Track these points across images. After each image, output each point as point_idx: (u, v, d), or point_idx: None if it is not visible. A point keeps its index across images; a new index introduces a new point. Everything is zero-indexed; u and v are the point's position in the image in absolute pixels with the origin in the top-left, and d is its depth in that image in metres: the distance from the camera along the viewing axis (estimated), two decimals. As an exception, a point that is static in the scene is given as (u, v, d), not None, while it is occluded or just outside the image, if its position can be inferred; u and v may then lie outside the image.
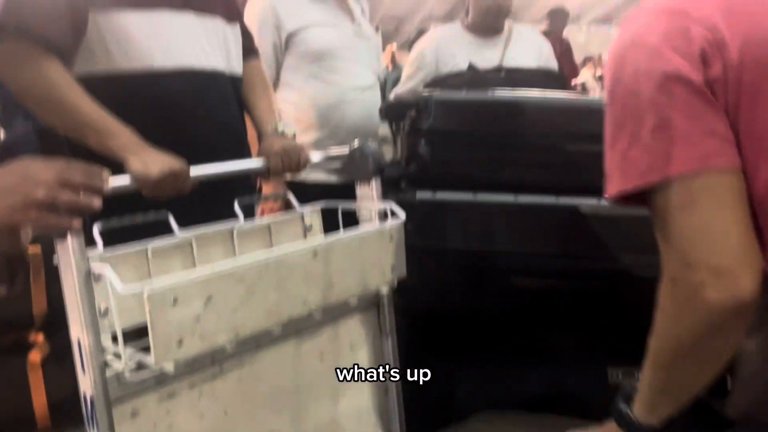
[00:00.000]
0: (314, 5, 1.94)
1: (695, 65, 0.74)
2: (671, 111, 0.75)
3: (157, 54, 1.30)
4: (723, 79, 0.74)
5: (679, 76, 0.74)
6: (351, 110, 1.94)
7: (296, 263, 1.04)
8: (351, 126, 1.94)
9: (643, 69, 0.76)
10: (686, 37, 0.75)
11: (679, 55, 0.75)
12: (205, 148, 1.33)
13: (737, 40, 0.74)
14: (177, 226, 1.15)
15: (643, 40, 0.78)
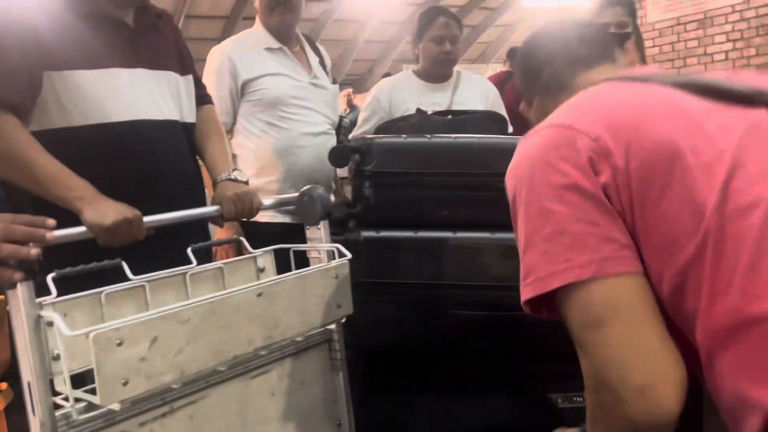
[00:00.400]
0: (271, 56, 2.06)
1: (586, 173, 0.78)
2: (568, 219, 0.77)
3: (111, 108, 1.38)
4: (614, 184, 0.77)
5: (572, 185, 0.78)
6: (304, 155, 2.04)
7: (241, 304, 1.10)
8: (304, 170, 2.03)
9: (539, 182, 0.80)
10: (574, 148, 0.79)
11: (569, 165, 0.78)
12: (160, 195, 1.41)
13: (621, 148, 0.77)
14: (131, 272, 1.21)
15: (536, 155, 0.83)
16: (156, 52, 1.48)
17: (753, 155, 0.74)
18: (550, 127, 0.85)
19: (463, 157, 1.55)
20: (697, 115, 0.79)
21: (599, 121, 0.81)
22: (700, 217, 0.72)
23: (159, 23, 1.52)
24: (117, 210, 1.22)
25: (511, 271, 1.47)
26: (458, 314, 1.46)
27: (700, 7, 5.81)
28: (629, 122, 0.80)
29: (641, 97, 0.85)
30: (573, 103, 0.89)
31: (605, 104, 0.85)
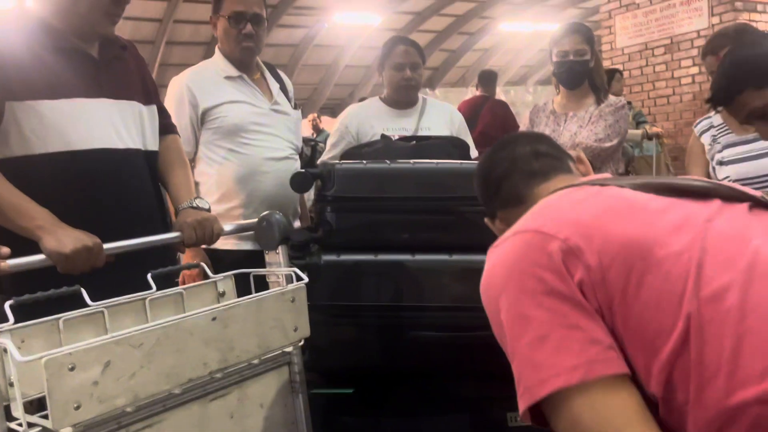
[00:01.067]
0: (230, 84, 2.07)
1: (561, 276, 0.79)
2: (549, 325, 0.77)
3: (72, 137, 1.41)
4: (588, 282, 0.78)
5: (549, 290, 0.78)
6: (266, 180, 2.05)
7: (195, 328, 1.13)
8: (267, 195, 2.04)
9: (515, 290, 0.81)
10: (545, 252, 0.80)
11: (543, 270, 0.80)
12: (121, 222, 1.44)
13: (591, 246, 0.79)
14: (93, 298, 1.22)
15: (509, 264, 0.84)
16: (119, 82, 1.51)
17: (716, 243, 0.78)
18: (518, 234, 0.87)
19: (422, 182, 1.60)
20: (658, 211, 0.83)
21: (566, 222, 0.83)
22: (680, 304, 0.74)
23: (124, 54, 1.56)
24: (76, 238, 1.24)
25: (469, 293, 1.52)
26: (417, 335, 1.49)
27: (666, 33, 5.99)
28: (595, 221, 0.82)
29: (602, 198, 0.88)
30: (535, 209, 0.92)
31: (568, 206, 0.88)
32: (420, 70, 2.40)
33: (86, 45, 1.47)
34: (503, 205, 1.09)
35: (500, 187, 1.09)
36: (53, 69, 1.39)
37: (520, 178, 1.06)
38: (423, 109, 2.44)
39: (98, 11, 1.42)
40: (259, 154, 2.05)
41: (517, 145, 1.11)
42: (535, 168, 1.06)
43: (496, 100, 5.63)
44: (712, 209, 0.84)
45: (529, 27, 15.23)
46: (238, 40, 2.04)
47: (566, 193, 0.93)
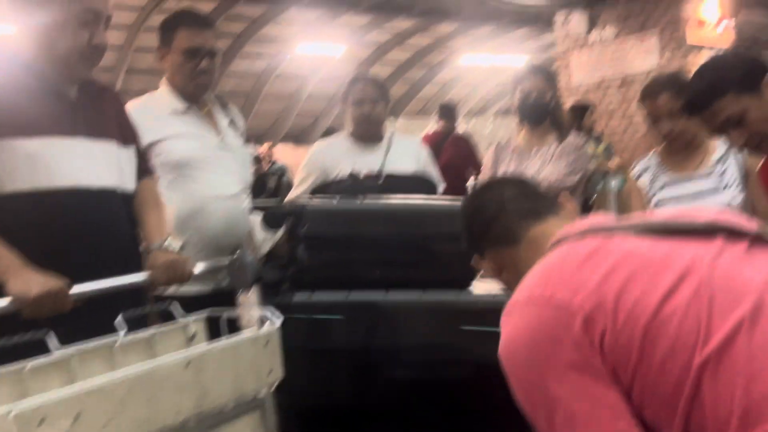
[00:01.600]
0: (176, 118, 1.99)
1: (580, 348, 0.82)
2: (577, 403, 0.81)
3: (45, 175, 1.38)
4: (605, 346, 0.81)
5: (571, 364, 0.82)
6: (212, 219, 1.94)
7: (168, 375, 1.11)
8: (212, 234, 1.93)
9: (539, 365, 0.84)
10: (563, 325, 0.83)
11: (562, 344, 0.82)
12: (94, 262, 1.41)
13: (606, 311, 0.82)
14: (62, 339, 1.19)
15: (530, 337, 0.86)
16: (96, 122, 1.50)
17: (721, 286, 0.82)
18: (532, 303, 0.89)
19: (393, 220, 1.62)
20: (663, 261, 0.86)
21: (577, 287, 0.86)
22: (692, 356, 0.78)
23: (102, 95, 1.57)
24: (42, 282, 1.21)
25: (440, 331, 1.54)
26: (390, 376, 1.49)
27: (620, 70, 6.24)
28: (604, 285, 0.85)
29: (607, 254, 0.90)
30: (543, 268, 0.93)
31: (576, 267, 0.90)
32: (380, 105, 2.43)
33: (64, 86, 1.46)
34: (494, 243, 1.10)
35: (490, 226, 1.10)
36: (28, 107, 1.38)
37: (512, 218, 1.08)
38: (389, 144, 2.47)
39: (76, 55, 1.42)
40: (206, 191, 1.95)
41: (504, 188, 1.14)
42: (527, 208, 1.08)
43: (458, 134, 5.74)
44: (715, 250, 0.87)
45: (488, 60, 15.60)
46: (192, 76, 1.96)
47: (571, 249, 0.94)
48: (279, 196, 4.66)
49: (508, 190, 1.13)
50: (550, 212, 1.09)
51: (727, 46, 6.26)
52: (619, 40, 6.29)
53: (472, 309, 1.54)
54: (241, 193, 2.06)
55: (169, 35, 1.98)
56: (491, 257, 1.12)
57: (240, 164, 2.09)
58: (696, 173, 2.14)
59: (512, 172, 2.51)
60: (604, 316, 0.82)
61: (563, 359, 0.82)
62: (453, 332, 1.51)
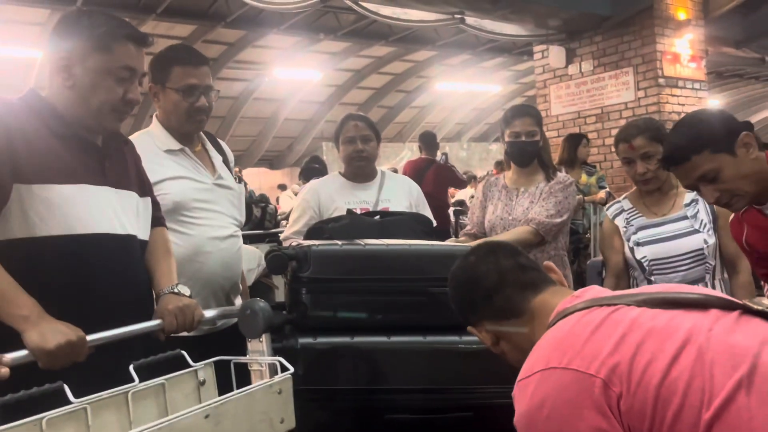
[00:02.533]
0: (171, 159, 1.94)
1: (603, 413, 0.87)
2: None
3: (75, 221, 1.41)
4: (623, 409, 0.87)
5: (595, 428, 0.87)
6: (209, 261, 1.92)
7: (188, 428, 1.12)
8: (209, 276, 1.92)
9: (560, 430, 0.89)
10: (584, 393, 0.89)
11: (587, 410, 0.88)
12: (118, 306, 1.44)
13: (620, 376, 0.88)
14: (73, 391, 1.19)
15: (551, 407, 0.91)
16: (120, 173, 1.55)
17: (720, 350, 0.90)
18: (555, 373, 0.93)
19: (396, 264, 1.65)
20: (666, 330, 0.93)
21: (592, 356, 0.91)
22: (699, 415, 0.85)
23: (124, 148, 1.61)
24: (60, 332, 1.23)
25: (444, 374, 1.57)
26: (395, 419, 1.51)
27: (597, 103, 6.43)
28: (616, 353, 0.91)
29: (615, 324, 0.96)
30: (555, 339, 0.98)
31: (587, 336, 0.95)
32: (372, 143, 2.48)
33: (91, 136, 1.50)
34: (495, 317, 1.14)
35: (491, 298, 1.13)
36: (62, 155, 1.42)
37: (513, 292, 1.12)
38: (382, 182, 2.52)
39: (108, 108, 1.46)
40: (203, 233, 1.91)
41: (499, 257, 1.17)
42: (526, 281, 1.13)
43: (441, 164, 5.83)
44: (711, 319, 0.95)
45: (464, 87, 15.88)
46: (189, 114, 1.92)
47: (580, 320, 1.00)
48: (263, 225, 4.66)
49: (504, 260, 1.16)
50: (546, 283, 1.14)
51: (700, 80, 6.51)
52: (596, 74, 6.48)
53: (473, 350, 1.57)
54: (236, 232, 2.06)
55: (164, 73, 1.93)
56: (492, 329, 1.15)
57: (235, 203, 2.07)
58: (669, 216, 2.23)
59: (501, 209, 2.58)
60: (620, 381, 0.88)
61: (588, 423, 0.87)
62: (454, 375, 1.54)
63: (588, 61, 6.50)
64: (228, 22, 10.50)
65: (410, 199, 2.55)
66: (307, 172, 5.39)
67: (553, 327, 1.01)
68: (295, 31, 11.08)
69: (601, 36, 6.41)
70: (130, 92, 1.48)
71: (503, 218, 2.55)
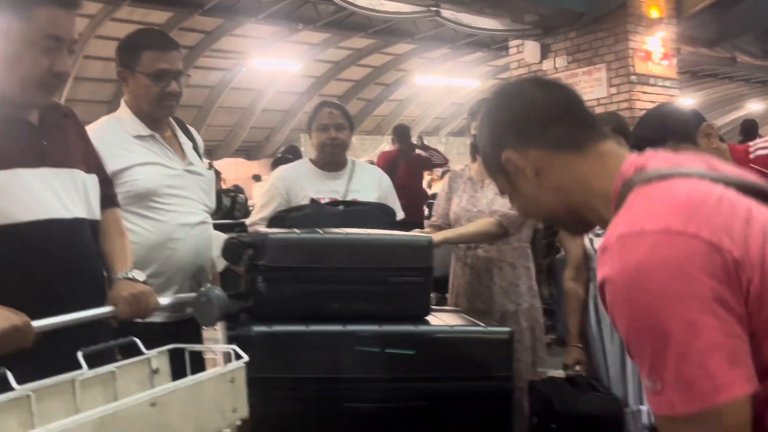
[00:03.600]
0: (140, 144, 1.93)
1: (731, 287, 0.77)
2: (722, 334, 0.76)
3: (14, 209, 1.36)
4: (751, 297, 0.78)
5: (719, 299, 0.77)
6: (179, 248, 1.92)
7: (133, 415, 1.10)
8: (179, 263, 1.92)
9: (682, 294, 0.77)
10: (711, 260, 0.77)
11: (711, 277, 0.77)
12: (64, 294, 1.40)
13: (751, 260, 0.78)
14: (17, 378, 1.17)
15: (670, 268, 0.79)
16: (61, 150, 1.48)
17: None
18: (680, 237, 0.80)
19: (353, 253, 1.65)
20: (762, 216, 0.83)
21: (720, 229, 0.80)
22: None
23: (64, 122, 1.53)
24: (4, 317, 1.20)
25: (399, 363, 1.57)
26: (350, 407, 1.51)
27: (570, 98, 6.46)
28: (741, 231, 0.80)
29: (740, 208, 0.84)
30: (680, 203, 0.84)
31: (718, 212, 0.82)
32: (346, 131, 2.48)
33: (26, 112, 1.43)
34: (550, 146, 0.97)
35: (551, 126, 0.98)
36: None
37: (578, 125, 0.98)
38: (352, 172, 2.52)
39: (35, 82, 1.38)
40: (173, 220, 1.92)
41: (566, 90, 1.03)
42: (591, 120, 0.99)
43: (414, 154, 5.85)
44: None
45: (443, 81, 15.89)
46: (160, 99, 1.91)
47: (692, 186, 0.86)
48: (233, 215, 4.62)
49: (570, 94, 1.02)
50: (607, 136, 1.00)
51: (672, 78, 6.58)
52: (570, 70, 6.53)
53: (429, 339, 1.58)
54: (207, 219, 2.06)
55: (133, 57, 1.92)
56: (535, 157, 0.98)
57: (205, 190, 2.07)
58: None
59: (466, 200, 2.59)
60: (751, 269, 0.78)
61: (713, 291, 0.77)
62: (410, 364, 1.55)
63: (562, 56, 6.54)
64: (205, 10, 10.35)
65: (379, 191, 2.55)
66: (280, 162, 5.35)
67: (651, 186, 0.87)
68: (273, 20, 10.97)
69: (576, 32, 6.44)
70: (58, 64, 1.39)
71: (468, 210, 2.56)
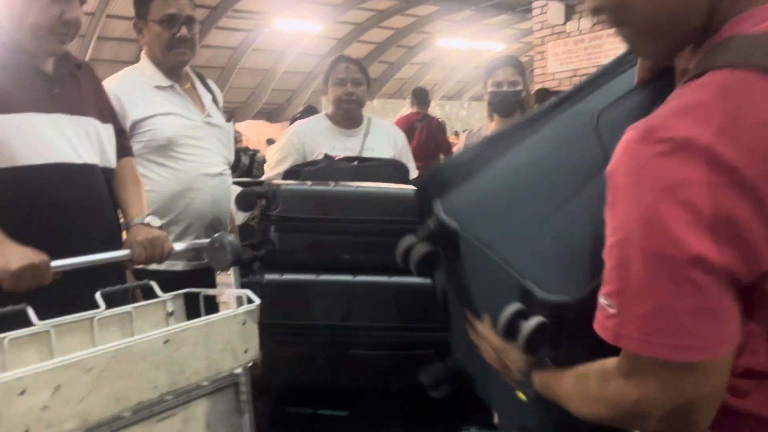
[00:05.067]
0: (161, 95, 1.96)
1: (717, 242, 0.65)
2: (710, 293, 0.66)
3: (24, 152, 1.39)
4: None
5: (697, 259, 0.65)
6: (198, 197, 1.96)
7: (146, 351, 1.14)
8: (198, 213, 1.97)
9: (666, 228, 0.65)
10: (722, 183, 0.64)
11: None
12: (76, 238, 1.43)
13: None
14: (40, 316, 1.21)
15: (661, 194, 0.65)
16: (74, 98, 1.50)
17: None
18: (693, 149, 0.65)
19: (362, 205, 1.65)
20: None
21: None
22: None
23: (78, 72, 1.56)
24: (23, 255, 1.23)
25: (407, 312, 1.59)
26: (357, 354, 1.54)
27: (594, 61, 6.34)
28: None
29: None
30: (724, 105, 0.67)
31: None
32: (363, 87, 2.45)
33: (39, 61, 1.45)
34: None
35: None
36: (3, 85, 1.37)
37: None
38: (368, 129, 2.50)
39: (44, 30, 1.40)
40: (193, 170, 1.96)
41: None
42: None
43: (432, 118, 5.80)
44: None
45: (466, 44, 15.63)
46: (171, 46, 1.93)
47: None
48: (252, 173, 4.65)
49: None
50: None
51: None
52: (594, 32, 6.38)
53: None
54: (226, 170, 2.10)
55: (145, 7, 1.95)
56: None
57: (224, 142, 2.11)
58: None
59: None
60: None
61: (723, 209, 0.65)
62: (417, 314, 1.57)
63: (587, 18, 6.39)
64: (227, -31, 10.28)
65: (395, 149, 2.54)
66: (297, 122, 5.35)
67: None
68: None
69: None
70: (68, 12, 1.41)
71: (484, 169, 2.55)
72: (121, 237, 1.58)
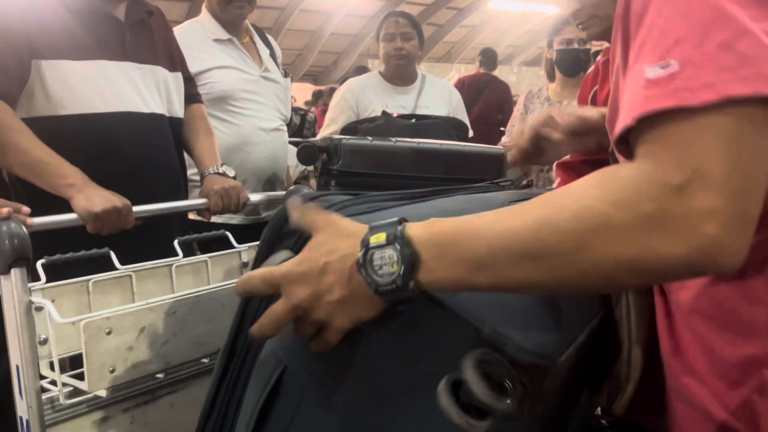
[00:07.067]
0: (220, 48, 1.97)
1: None
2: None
3: (96, 99, 1.40)
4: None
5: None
6: (255, 151, 1.97)
7: (225, 298, 1.15)
8: (254, 167, 1.96)
9: None
10: None
11: None
12: (142, 187, 1.44)
13: None
14: (118, 261, 1.24)
15: None
16: (145, 46, 1.50)
17: None
18: None
19: (424, 162, 1.62)
20: None
21: None
22: None
23: (149, 19, 1.55)
24: (107, 198, 1.25)
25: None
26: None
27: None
28: None
29: None
30: None
31: None
32: (414, 41, 2.39)
33: (111, 7, 1.45)
34: None
35: None
36: (78, 30, 1.38)
37: None
38: (422, 86, 2.45)
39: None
40: (250, 124, 1.96)
41: None
42: None
43: (501, 81, 5.65)
44: None
45: (519, 6, 15.19)
46: (233, 3, 1.94)
47: None
48: (302, 133, 4.65)
49: None
50: None
51: None
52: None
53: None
54: (282, 126, 2.09)
55: None
56: None
57: (281, 97, 2.10)
58: None
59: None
60: None
61: None
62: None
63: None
64: (277, -73, 10.15)
65: (449, 106, 2.48)
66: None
67: None
68: (345, -62, 10.66)
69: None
70: None
71: (544, 130, 2.48)
72: (186, 187, 1.58)
